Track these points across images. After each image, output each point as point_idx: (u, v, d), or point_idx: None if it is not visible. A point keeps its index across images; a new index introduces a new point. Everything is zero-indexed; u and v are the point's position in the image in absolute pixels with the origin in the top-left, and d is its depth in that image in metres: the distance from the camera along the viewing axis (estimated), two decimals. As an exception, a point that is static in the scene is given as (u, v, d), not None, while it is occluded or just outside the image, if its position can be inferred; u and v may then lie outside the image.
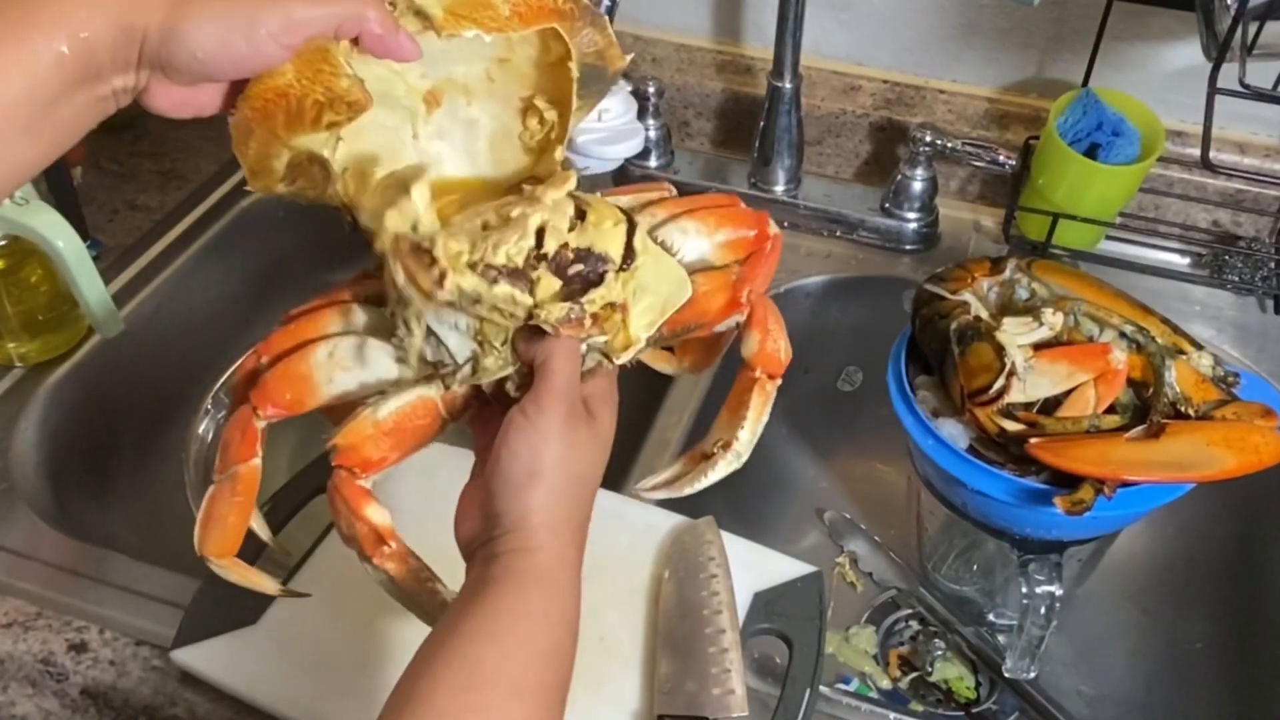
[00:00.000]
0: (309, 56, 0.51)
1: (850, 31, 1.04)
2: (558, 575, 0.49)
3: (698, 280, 0.57)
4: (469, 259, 0.51)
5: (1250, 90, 0.76)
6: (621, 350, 0.54)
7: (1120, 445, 0.64)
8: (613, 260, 0.53)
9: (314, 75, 0.51)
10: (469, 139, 0.58)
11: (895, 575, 0.92)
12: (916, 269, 0.98)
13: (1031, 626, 0.72)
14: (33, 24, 0.46)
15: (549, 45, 0.56)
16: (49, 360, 0.88)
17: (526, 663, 0.46)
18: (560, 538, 0.49)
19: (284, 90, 0.52)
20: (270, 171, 0.56)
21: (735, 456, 0.60)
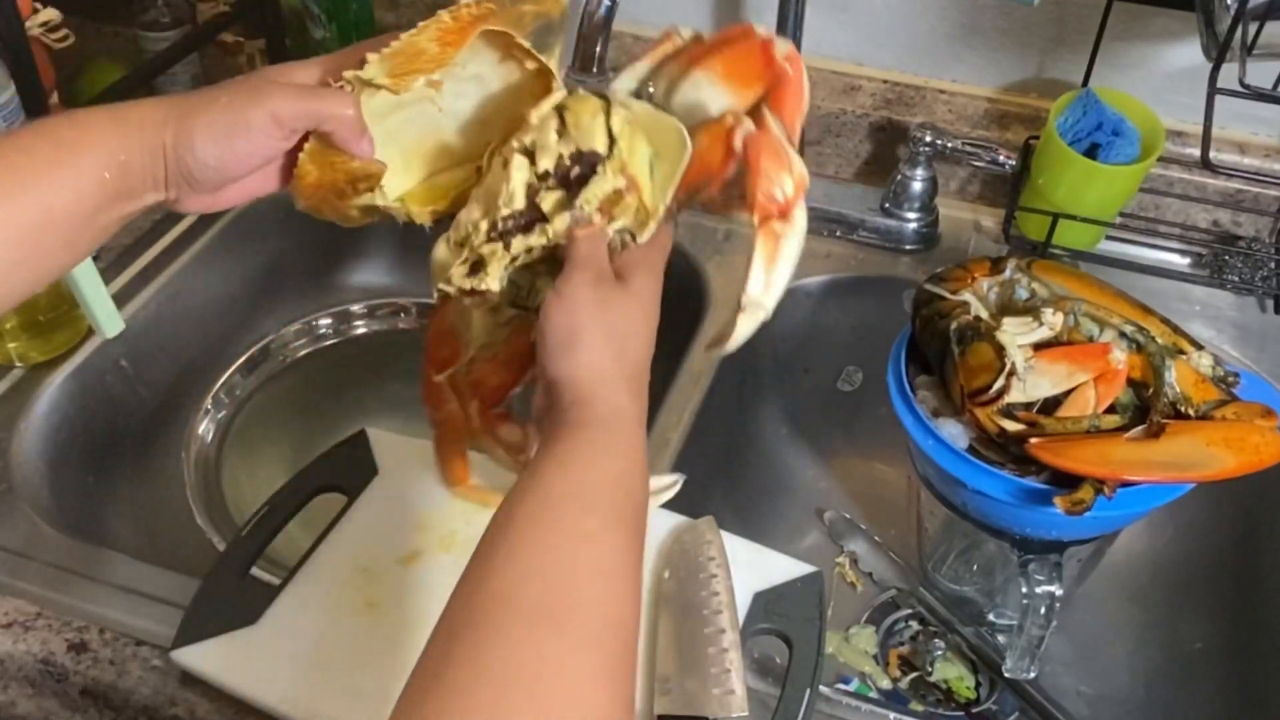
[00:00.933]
0: (317, 154, 0.58)
1: (850, 31, 1.04)
2: (614, 418, 0.51)
3: (699, 136, 0.56)
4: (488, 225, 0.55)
5: (1250, 90, 0.76)
6: (642, 227, 0.56)
7: (1120, 445, 0.64)
8: (599, 151, 0.54)
9: (331, 167, 0.58)
10: (483, 85, 0.61)
11: (895, 575, 0.92)
12: (916, 269, 0.98)
13: (1031, 626, 0.72)
14: (81, 149, 0.53)
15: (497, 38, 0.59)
16: (49, 360, 0.88)
17: (596, 485, 0.48)
18: (612, 388, 0.52)
19: (318, 183, 0.59)
20: (350, 219, 0.62)
21: (754, 309, 0.58)
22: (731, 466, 0.99)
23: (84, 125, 0.54)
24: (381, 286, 1.13)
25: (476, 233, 0.57)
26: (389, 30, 1.16)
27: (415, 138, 0.62)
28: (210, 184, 0.57)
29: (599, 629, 0.43)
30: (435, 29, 0.58)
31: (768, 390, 1.02)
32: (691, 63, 0.59)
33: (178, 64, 1.07)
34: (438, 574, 0.71)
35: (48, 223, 0.53)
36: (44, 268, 0.55)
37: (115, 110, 0.55)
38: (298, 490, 0.76)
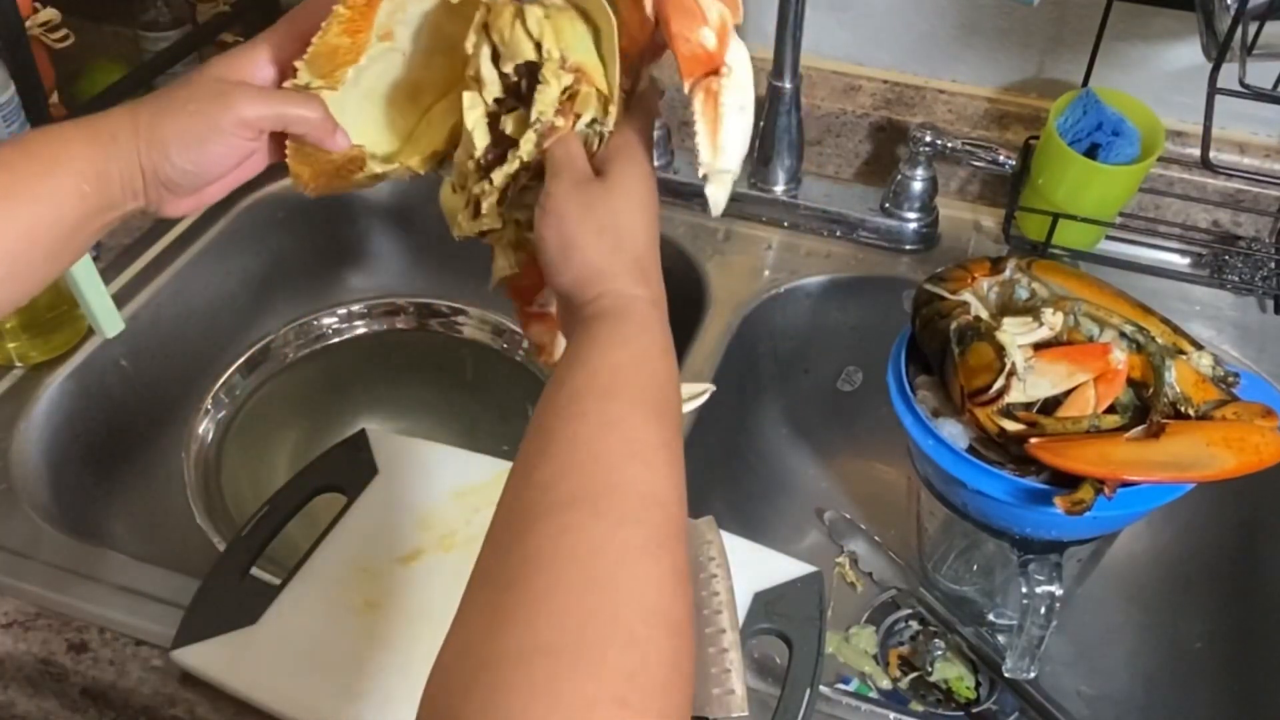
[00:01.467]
0: (299, 154, 0.60)
1: (850, 31, 1.04)
2: (622, 307, 0.52)
3: (618, 7, 0.54)
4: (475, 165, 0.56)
5: (1250, 90, 0.76)
6: (605, 113, 0.55)
7: (1120, 445, 0.64)
8: (532, 57, 0.54)
9: (316, 162, 0.60)
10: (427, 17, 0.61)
11: (895, 575, 0.92)
12: (916, 269, 0.98)
13: (1031, 626, 0.72)
14: (59, 164, 0.55)
15: None
16: (49, 360, 0.88)
17: (613, 372, 0.49)
18: (614, 281, 0.53)
19: (314, 176, 0.61)
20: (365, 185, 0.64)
21: (716, 177, 0.54)
22: (731, 466, 0.99)
23: (61, 140, 0.56)
24: (381, 286, 1.14)
25: (469, 174, 0.58)
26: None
27: (392, 85, 0.62)
28: (188, 188, 0.58)
29: (636, 507, 0.43)
30: (337, 25, 0.57)
31: (768, 390, 1.02)
32: None
33: (178, 64, 1.07)
34: (438, 573, 0.71)
35: (32, 237, 0.54)
36: (29, 280, 0.56)
37: (89, 123, 0.56)
38: (298, 490, 0.76)
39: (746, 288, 0.97)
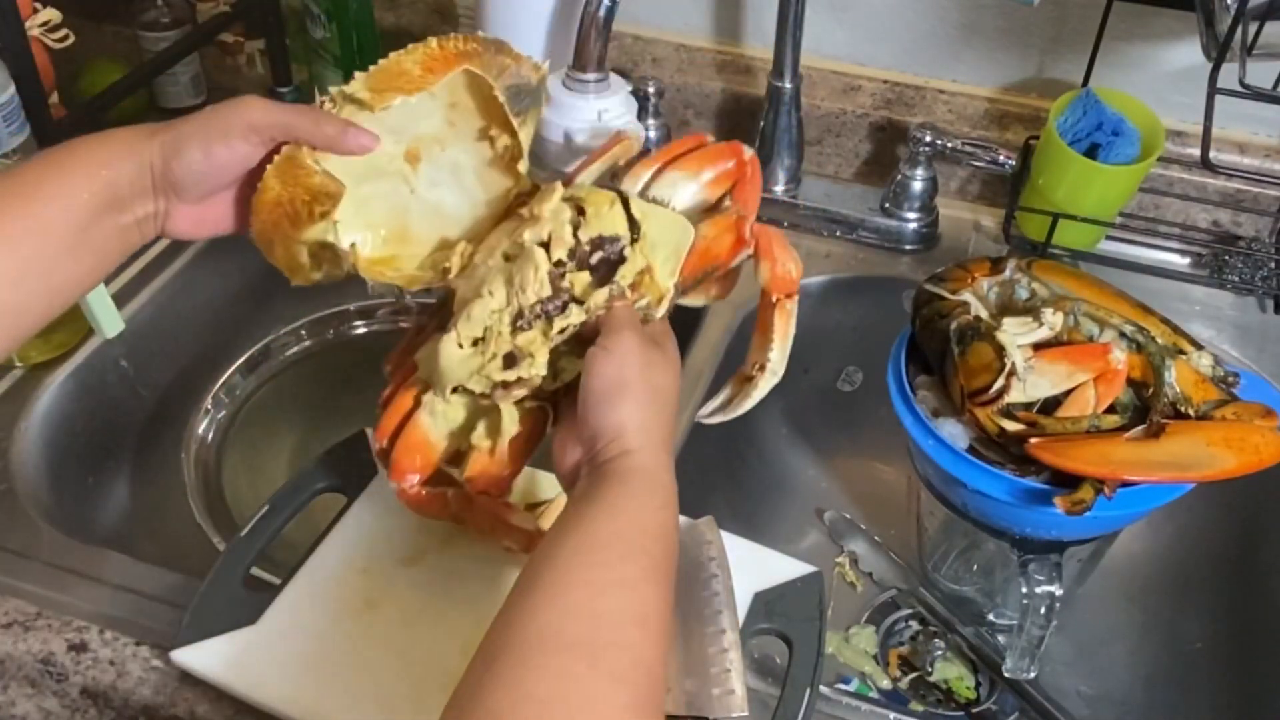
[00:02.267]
0: (284, 167, 0.60)
1: (850, 31, 1.04)
2: (655, 469, 0.54)
3: (703, 227, 0.63)
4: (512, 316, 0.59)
5: (1250, 90, 0.76)
6: (658, 304, 0.62)
7: (1120, 445, 0.64)
8: (624, 236, 0.60)
9: (294, 181, 0.60)
10: (458, 177, 0.66)
11: (895, 575, 0.92)
12: (916, 269, 0.98)
13: (1031, 626, 0.72)
14: (69, 166, 0.58)
15: (476, 82, 0.63)
16: (49, 360, 0.88)
17: (639, 534, 0.51)
18: (653, 440, 0.55)
19: (277, 200, 0.61)
20: (300, 266, 0.65)
21: (772, 374, 0.66)
22: (731, 466, 0.99)
23: (70, 147, 0.59)
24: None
25: (500, 324, 0.59)
26: (389, 31, 1.16)
27: (381, 214, 0.65)
28: (194, 193, 0.61)
29: (631, 669, 0.45)
30: (423, 52, 0.61)
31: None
32: (663, 164, 0.65)
33: (178, 64, 1.07)
34: (438, 574, 0.71)
35: (45, 234, 0.57)
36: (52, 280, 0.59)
37: (103, 132, 0.61)
38: (298, 490, 0.76)
39: (746, 288, 0.97)
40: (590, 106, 0.73)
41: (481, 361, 0.60)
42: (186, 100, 1.11)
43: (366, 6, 1.00)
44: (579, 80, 0.73)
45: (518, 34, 0.78)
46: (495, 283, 0.59)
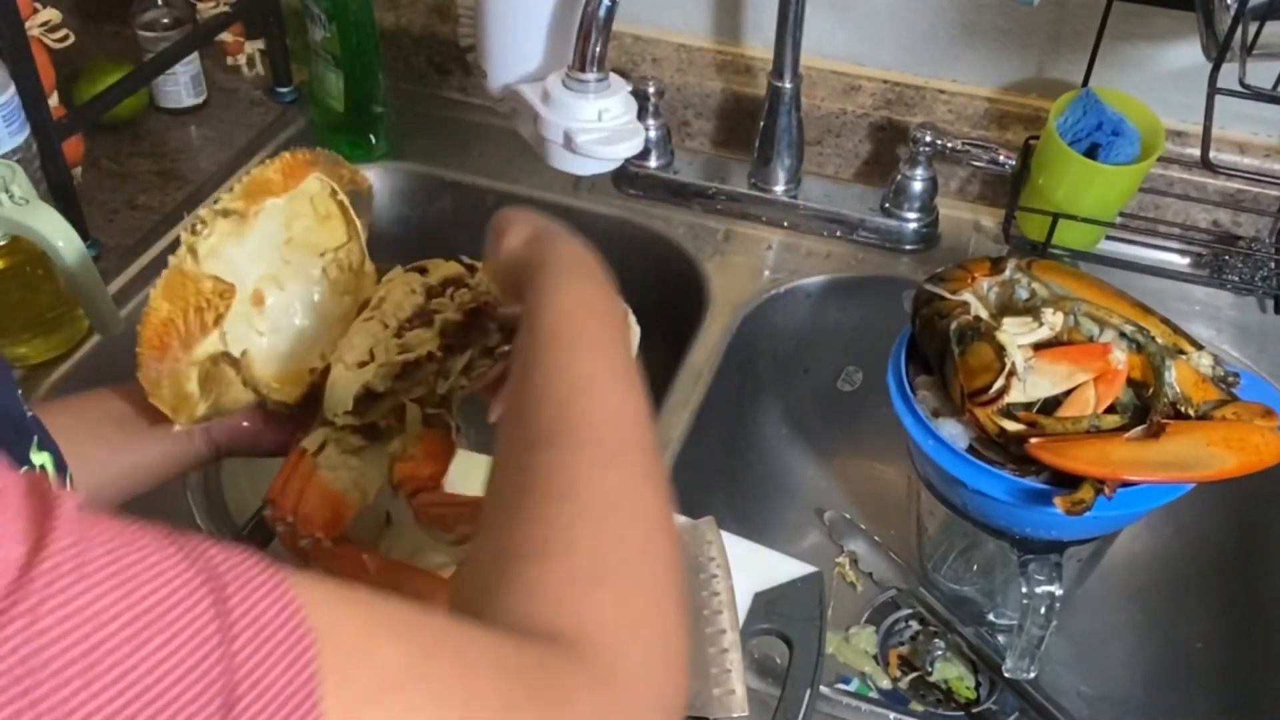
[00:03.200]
0: (171, 281, 0.64)
1: (850, 31, 1.04)
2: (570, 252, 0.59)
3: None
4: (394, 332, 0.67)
5: (1250, 90, 0.76)
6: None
7: (1120, 445, 0.64)
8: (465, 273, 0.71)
9: (183, 293, 0.63)
10: (308, 307, 0.70)
11: (895, 575, 0.92)
12: (916, 269, 0.98)
13: (1031, 626, 0.72)
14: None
15: (313, 202, 0.69)
16: (49, 360, 0.88)
17: (568, 309, 0.55)
18: (557, 239, 0.60)
19: (168, 319, 0.63)
20: (187, 398, 0.65)
21: None
22: (731, 466, 0.99)
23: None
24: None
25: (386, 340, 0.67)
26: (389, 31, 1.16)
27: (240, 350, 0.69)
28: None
29: (591, 433, 0.50)
30: (279, 164, 0.67)
31: (768, 390, 1.02)
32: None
33: (178, 64, 1.07)
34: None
35: (138, 473, 0.69)
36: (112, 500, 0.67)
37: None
38: (297, 490, 0.76)
39: (746, 288, 0.97)
40: (590, 106, 0.73)
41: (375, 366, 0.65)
42: (186, 100, 1.11)
43: (366, 6, 1.00)
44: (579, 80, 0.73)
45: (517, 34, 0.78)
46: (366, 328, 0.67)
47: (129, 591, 0.28)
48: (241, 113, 1.13)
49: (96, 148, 1.06)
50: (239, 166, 1.06)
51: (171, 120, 1.11)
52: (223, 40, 1.14)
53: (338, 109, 1.04)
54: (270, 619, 0.31)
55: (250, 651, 0.30)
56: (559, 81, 0.74)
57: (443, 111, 1.15)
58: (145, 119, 1.11)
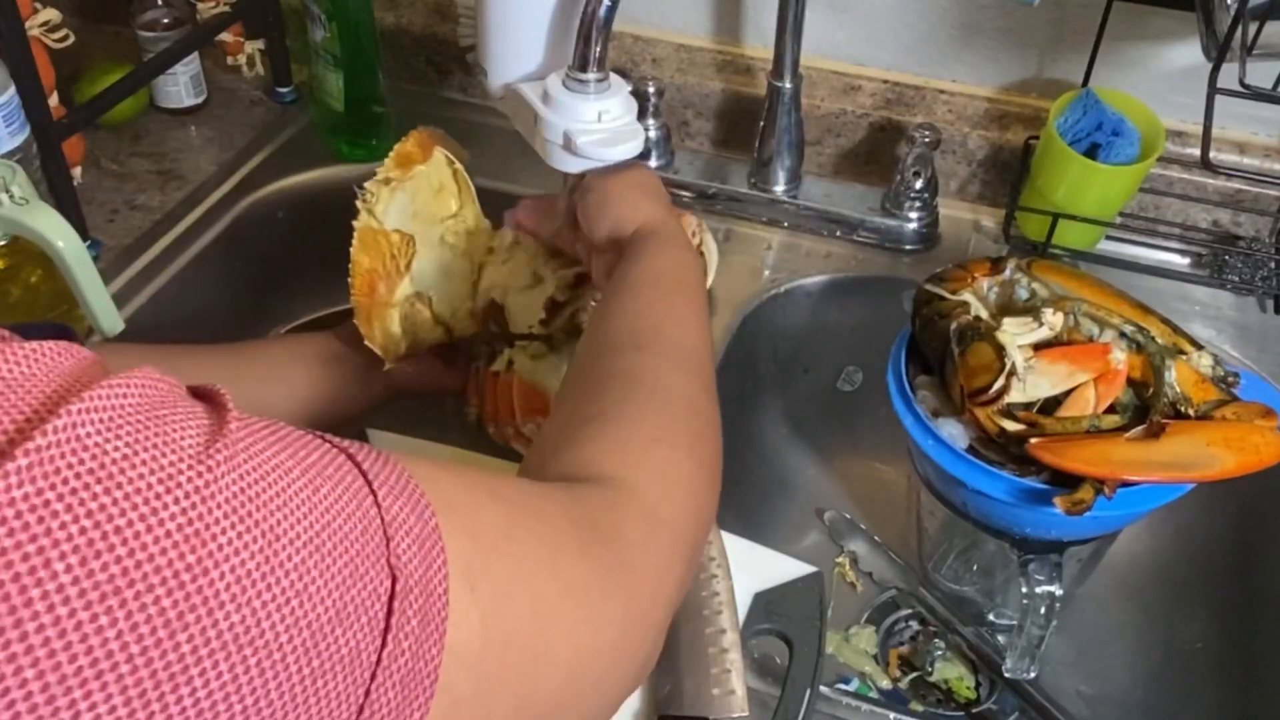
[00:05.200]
0: (362, 239, 0.78)
1: (850, 31, 1.04)
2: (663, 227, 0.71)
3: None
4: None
5: (1250, 90, 0.76)
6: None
7: (1120, 445, 0.64)
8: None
9: (377, 247, 0.78)
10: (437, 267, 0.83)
11: (895, 575, 0.92)
12: (916, 269, 0.98)
13: (1031, 626, 0.72)
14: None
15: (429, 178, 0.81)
16: (49, 360, 0.88)
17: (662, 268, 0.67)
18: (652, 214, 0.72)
19: (371, 269, 0.78)
20: (393, 338, 0.79)
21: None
22: (731, 466, 0.99)
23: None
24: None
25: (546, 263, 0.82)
26: (389, 31, 1.16)
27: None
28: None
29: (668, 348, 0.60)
30: (413, 139, 0.81)
31: (768, 390, 1.02)
32: None
33: (178, 64, 1.07)
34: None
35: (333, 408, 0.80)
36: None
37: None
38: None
39: (746, 288, 0.97)
40: (590, 107, 0.73)
41: (551, 281, 0.82)
42: (186, 100, 1.11)
43: (366, 6, 1.00)
44: (579, 80, 0.72)
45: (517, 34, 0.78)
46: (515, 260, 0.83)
47: (294, 452, 0.35)
48: (241, 113, 1.13)
49: (96, 148, 1.06)
50: (239, 166, 1.06)
51: (171, 120, 1.11)
52: (223, 40, 1.14)
53: (338, 109, 1.04)
54: (395, 479, 0.37)
55: (390, 501, 0.36)
56: (559, 82, 0.73)
57: (443, 111, 1.15)
58: (145, 119, 1.11)
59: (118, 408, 0.30)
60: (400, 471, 0.38)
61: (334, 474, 0.35)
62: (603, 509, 0.48)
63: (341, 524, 0.34)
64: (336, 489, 0.35)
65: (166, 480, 0.30)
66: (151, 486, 0.29)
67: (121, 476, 0.29)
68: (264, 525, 0.31)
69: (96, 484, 0.28)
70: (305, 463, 0.34)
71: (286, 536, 0.32)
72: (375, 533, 0.35)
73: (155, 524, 0.29)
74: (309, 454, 0.35)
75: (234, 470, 0.31)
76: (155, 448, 0.30)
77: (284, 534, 0.32)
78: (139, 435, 0.30)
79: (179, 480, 0.30)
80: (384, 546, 0.35)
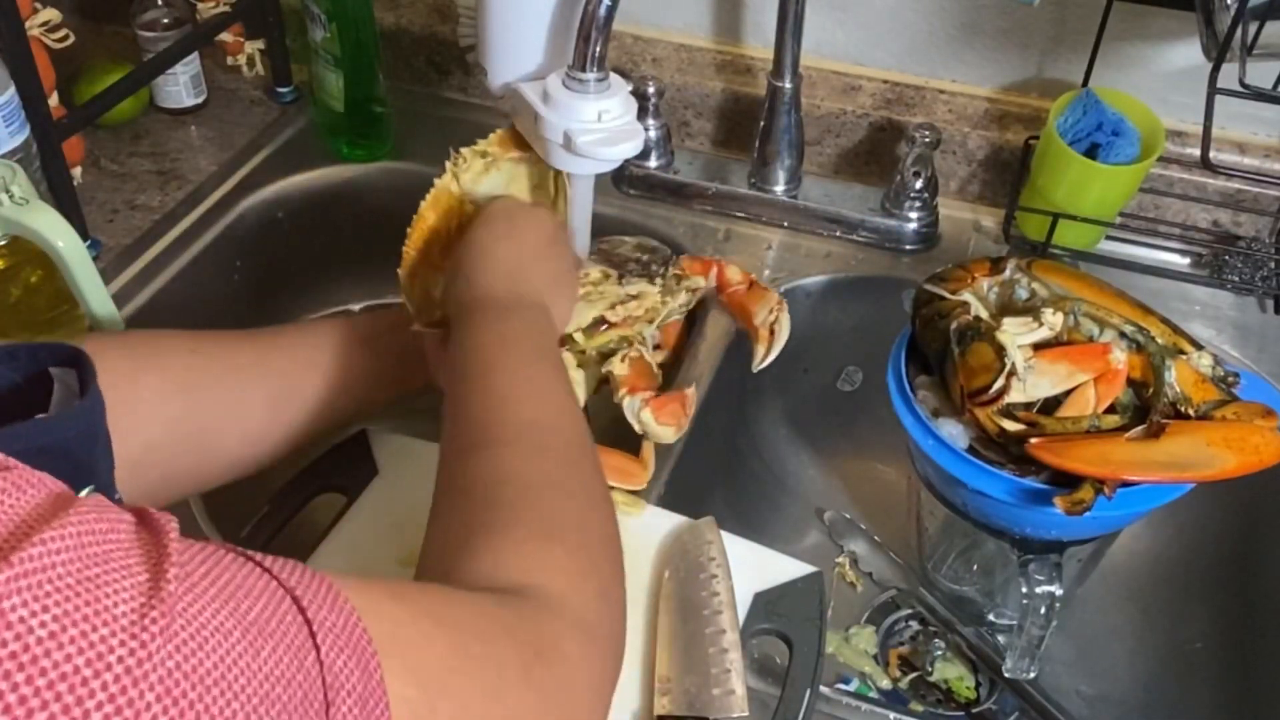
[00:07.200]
0: (439, 199, 0.78)
1: (850, 31, 1.04)
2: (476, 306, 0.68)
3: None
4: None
5: (1250, 90, 0.76)
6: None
7: (1120, 445, 0.64)
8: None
9: (447, 211, 0.79)
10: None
11: (895, 575, 0.92)
12: (916, 269, 0.98)
13: (1031, 626, 0.72)
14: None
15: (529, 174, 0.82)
16: (49, 360, 0.88)
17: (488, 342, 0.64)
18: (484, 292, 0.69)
19: (434, 227, 0.78)
20: (431, 302, 0.78)
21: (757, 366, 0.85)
22: (731, 466, 0.99)
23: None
24: (382, 287, 1.13)
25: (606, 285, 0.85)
26: (389, 31, 1.16)
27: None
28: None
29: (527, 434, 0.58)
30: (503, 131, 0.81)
31: (768, 390, 1.02)
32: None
33: (178, 64, 1.07)
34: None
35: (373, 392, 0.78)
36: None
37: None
38: (298, 490, 0.76)
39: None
40: (590, 107, 0.73)
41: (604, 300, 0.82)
42: (186, 100, 1.11)
43: (366, 6, 1.00)
44: (579, 80, 0.72)
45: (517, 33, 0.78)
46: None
47: (235, 606, 0.32)
48: (241, 113, 1.13)
49: (96, 148, 1.06)
50: (239, 166, 1.06)
51: (171, 120, 1.11)
52: (223, 40, 1.14)
53: (338, 109, 1.04)
54: (340, 625, 0.36)
55: (334, 656, 0.34)
56: (559, 81, 0.73)
57: (443, 111, 1.15)
58: (145, 119, 1.11)
59: (49, 569, 0.28)
60: (347, 615, 0.36)
61: (276, 628, 0.33)
62: (536, 620, 0.47)
63: (281, 693, 0.32)
64: (278, 650, 0.33)
65: (95, 661, 0.28)
66: (79, 670, 0.27)
67: (46, 660, 0.27)
68: (199, 706, 0.29)
69: (18, 671, 0.26)
70: (246, 619, 0.32)
71: (222, 716, 0.30)
72: (315, 698, 0.33)
73: (80, 715, 0.27)
74: (251, 604, 0.33)
75: (170, 642, 0.29)
76: (86, 620, 0.28)
77: (220, 713, 0.30)
78: (68, 605, 0.28)
79: (108, 661, 0.28)
80: (324, 714, 0.33)
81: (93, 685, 0.27)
